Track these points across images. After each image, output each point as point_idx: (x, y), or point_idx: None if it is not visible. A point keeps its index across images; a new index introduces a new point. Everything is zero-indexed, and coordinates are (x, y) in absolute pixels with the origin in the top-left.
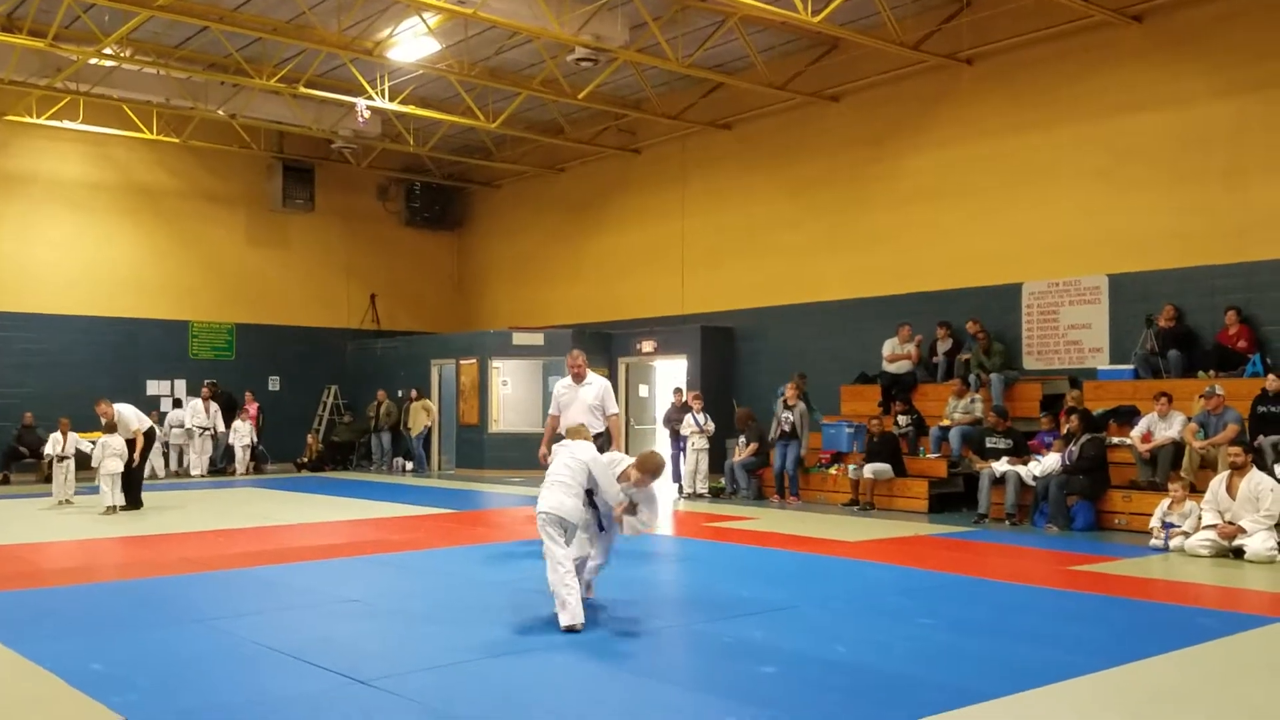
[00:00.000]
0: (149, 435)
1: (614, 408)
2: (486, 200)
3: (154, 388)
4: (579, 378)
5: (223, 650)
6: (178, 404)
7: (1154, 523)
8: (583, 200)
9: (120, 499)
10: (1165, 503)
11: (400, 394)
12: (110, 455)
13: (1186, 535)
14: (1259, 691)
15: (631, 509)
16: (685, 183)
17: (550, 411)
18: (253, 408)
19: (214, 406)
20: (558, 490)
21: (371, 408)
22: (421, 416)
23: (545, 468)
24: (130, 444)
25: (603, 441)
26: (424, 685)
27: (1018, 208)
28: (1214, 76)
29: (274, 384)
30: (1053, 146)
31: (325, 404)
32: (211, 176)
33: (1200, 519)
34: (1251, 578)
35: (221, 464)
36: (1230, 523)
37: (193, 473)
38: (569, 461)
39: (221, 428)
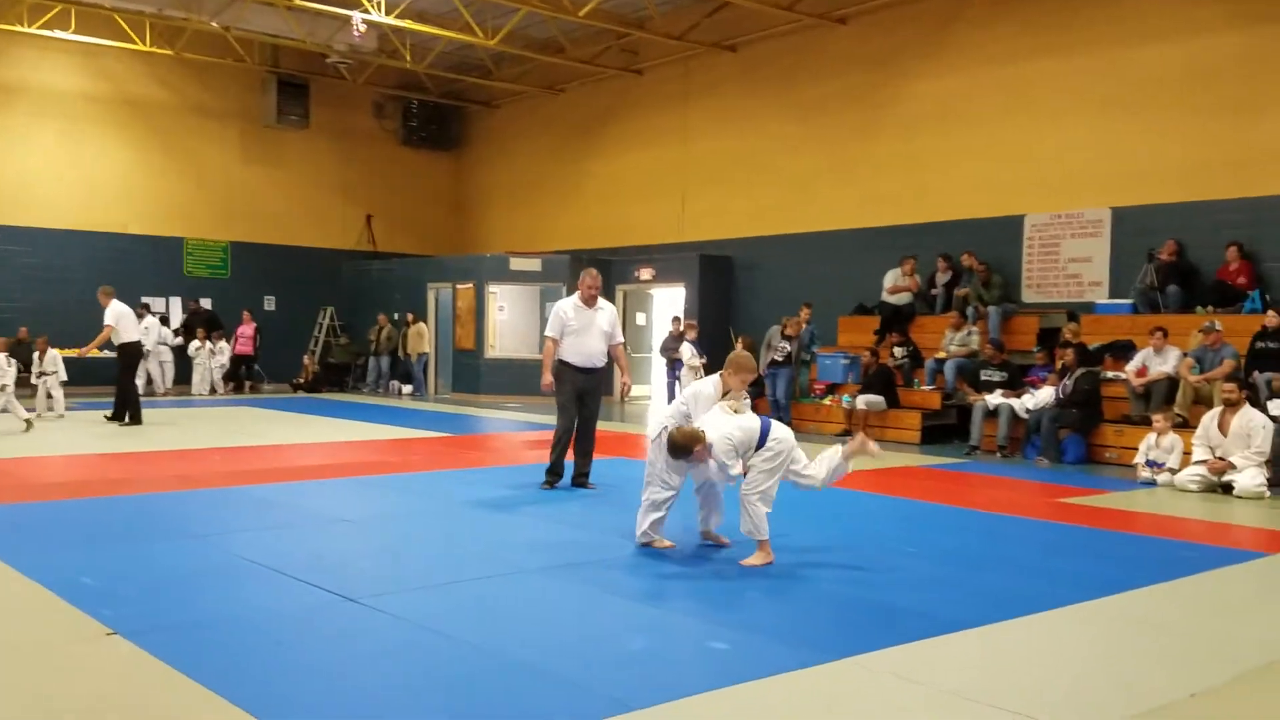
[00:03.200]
0: (133, 349)
1: (621, 335)
2: (485, 120)
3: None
4: (592, 300)
5: (214, 566)
6: (165, 321)
7: (1139, 458)
8: (583, 122)
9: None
10: (1150, 438)
11: (397, 317)
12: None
13: (1173, 471)
14: (1235, 624)
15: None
16: (687, 106)
17: (550, 334)
18: (249, 327)
19: (148, 323)
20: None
21: (372, 331)
22: (418, 340)
23: (550, 395)
24: (120, 350)
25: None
26: (413, 603)
27: (1024, 137)
28: (1227, 5)
29: (269, 304)
30: (1062, 75)
31: (321, 325)
32: (205, 90)
33: (1183, 454)
34: (1238, 513)
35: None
36: (1221, 458)
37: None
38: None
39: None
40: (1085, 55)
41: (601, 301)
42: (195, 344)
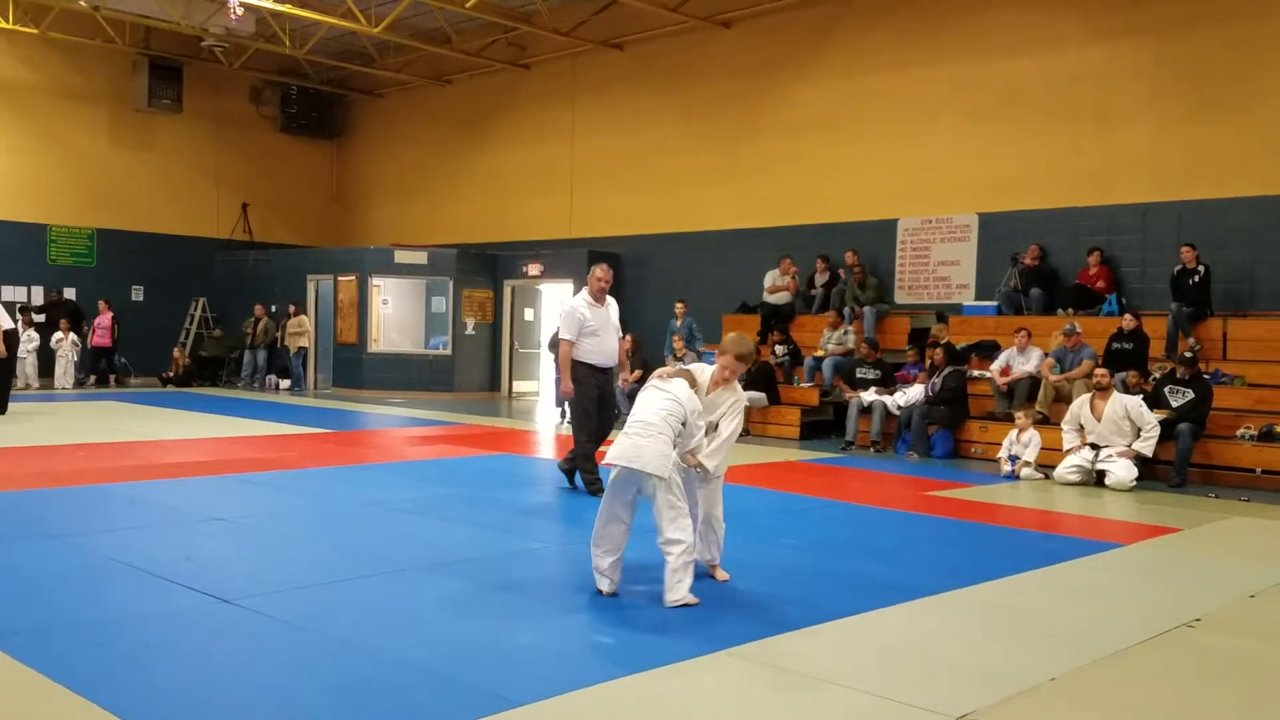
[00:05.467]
0: (10, 337)
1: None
2: (369, 110)
3: (10, 294)
4: (603, 296)
5: (79, 567)
6: (27, 311)
7: (1002, 453)
8: (470, 115)
9: None
10: (1013, 434)
11: (275, 309)
12: None
13: (1032, 465)
14: (1092, 612)
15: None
16: (575, 103)
17: (566, 335)
18: (107, 318)
19: None
20: (639, 435)
21: (248, 323)
22: (300, 333)
23: (564, 401)
24: None
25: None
26: (290, 603)
27: (899, 144)
28: (1087, 21)
29: (137, 294)
30: (936, 83)
31: (193, 317)
32: (72, 72)
33: (1040, 449)
34: (1098, 506)
35: (80, 376)
36: (1094, 445)
37: None
38: (664, 403)
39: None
40: (956, 67)
41: (608, 297)
42: (58, 335)
